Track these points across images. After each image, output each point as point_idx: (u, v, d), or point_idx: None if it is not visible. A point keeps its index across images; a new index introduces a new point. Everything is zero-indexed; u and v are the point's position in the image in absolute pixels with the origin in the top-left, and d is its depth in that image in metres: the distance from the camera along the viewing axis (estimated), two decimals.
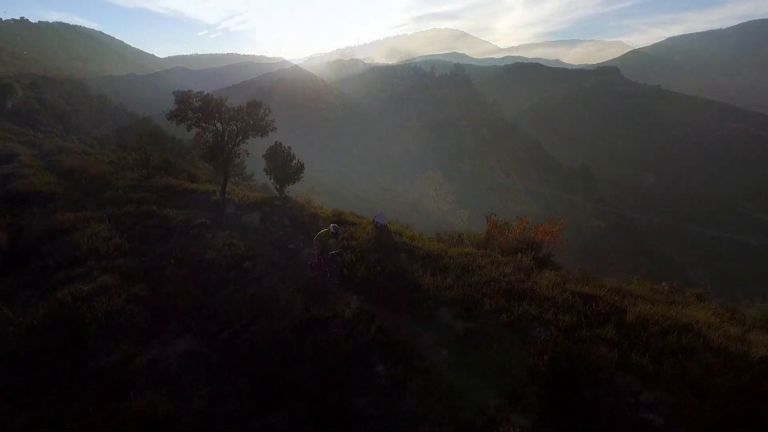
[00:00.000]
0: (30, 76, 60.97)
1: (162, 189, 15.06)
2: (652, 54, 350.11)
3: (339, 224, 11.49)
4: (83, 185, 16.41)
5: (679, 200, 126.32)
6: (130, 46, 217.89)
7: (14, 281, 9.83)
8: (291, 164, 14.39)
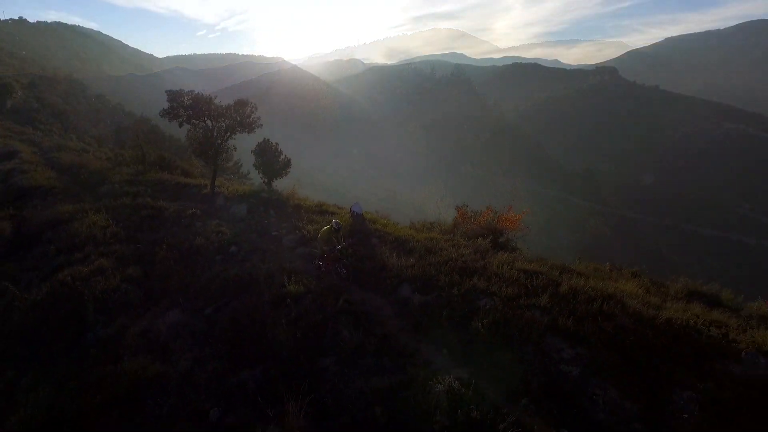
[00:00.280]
0: (29, 76, 61.64)
1: (156, 183, 15.90)
2: (651, 54, 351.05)
3: (320, 214, 12.33)
4: (82, 180, 17.23)
5: (677, 200, 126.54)
6: (129, 46, 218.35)
7: (18, 265, 10.65)
8: (278, 159, 15.23)
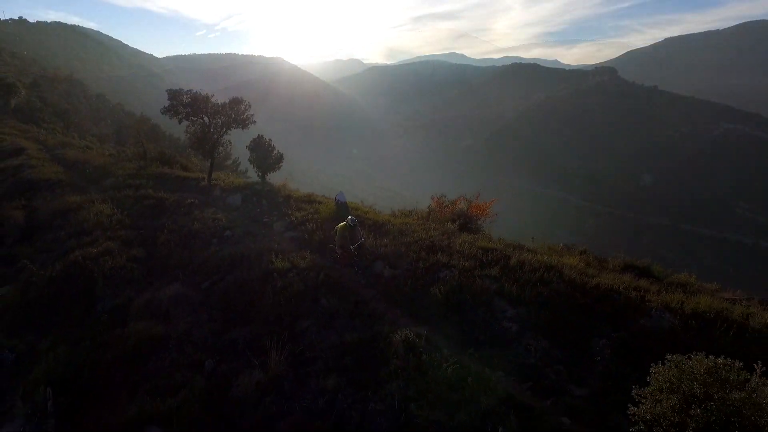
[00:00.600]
0: (31, 76, 62.57)
1: (157, 176, 16.94)
2: (650, 54, 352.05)
3: (308, 203, 13.37)
4: (87, 174, 18.28)
5: (675, 200, 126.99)
6: (129, 46, 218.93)
7: (32, 248, 11.71)
8: (271, 154, 16.26)
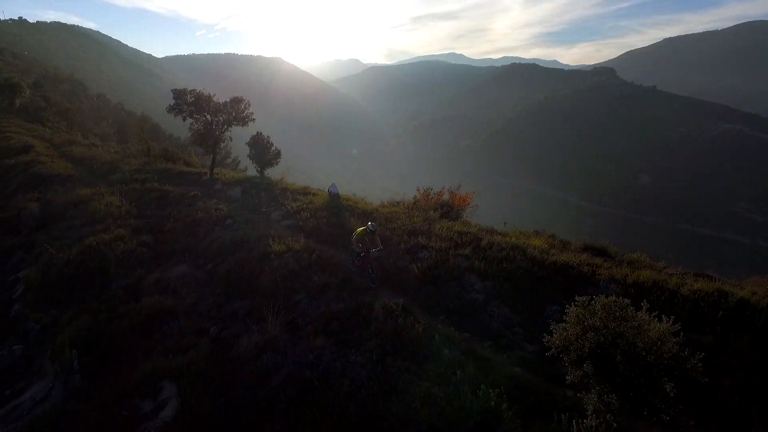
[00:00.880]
0: (33, 76, 63.41)
1: (162, 171, 17.92)
2: (649, 54, 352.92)
3: (304, 195, 14.36)
4: (94, 169, 19.25)
5: (674, 200, 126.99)
6: (128, 46, 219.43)
7: (48, 236, 12.67)
8: (270, 151, 17.26)
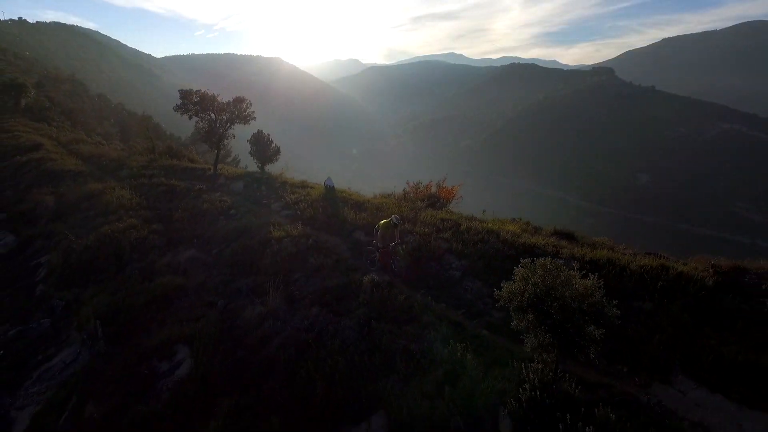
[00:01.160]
0: (35, 76, 64.29)
1: (168, 167, 18.93)
2: (648, 54, 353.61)
3: (302, 188, 15.38)
4: (103, 166, 20.25)
5: (673, 199, 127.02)
6: (127, 46, 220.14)
7: (65, 225, 13.67)
8: (270, 148, 18.27)
